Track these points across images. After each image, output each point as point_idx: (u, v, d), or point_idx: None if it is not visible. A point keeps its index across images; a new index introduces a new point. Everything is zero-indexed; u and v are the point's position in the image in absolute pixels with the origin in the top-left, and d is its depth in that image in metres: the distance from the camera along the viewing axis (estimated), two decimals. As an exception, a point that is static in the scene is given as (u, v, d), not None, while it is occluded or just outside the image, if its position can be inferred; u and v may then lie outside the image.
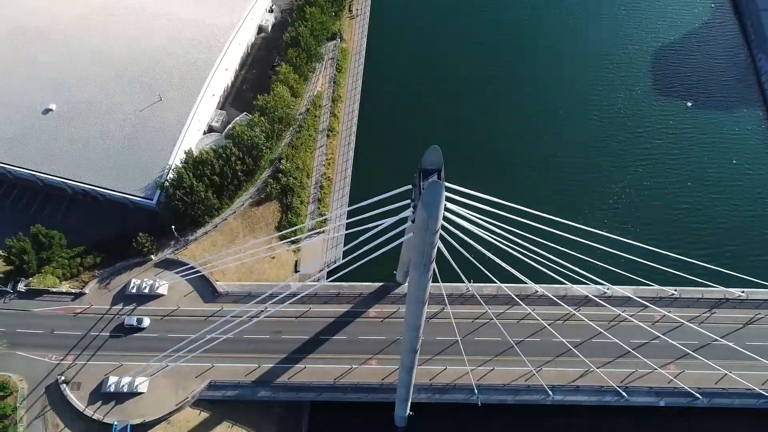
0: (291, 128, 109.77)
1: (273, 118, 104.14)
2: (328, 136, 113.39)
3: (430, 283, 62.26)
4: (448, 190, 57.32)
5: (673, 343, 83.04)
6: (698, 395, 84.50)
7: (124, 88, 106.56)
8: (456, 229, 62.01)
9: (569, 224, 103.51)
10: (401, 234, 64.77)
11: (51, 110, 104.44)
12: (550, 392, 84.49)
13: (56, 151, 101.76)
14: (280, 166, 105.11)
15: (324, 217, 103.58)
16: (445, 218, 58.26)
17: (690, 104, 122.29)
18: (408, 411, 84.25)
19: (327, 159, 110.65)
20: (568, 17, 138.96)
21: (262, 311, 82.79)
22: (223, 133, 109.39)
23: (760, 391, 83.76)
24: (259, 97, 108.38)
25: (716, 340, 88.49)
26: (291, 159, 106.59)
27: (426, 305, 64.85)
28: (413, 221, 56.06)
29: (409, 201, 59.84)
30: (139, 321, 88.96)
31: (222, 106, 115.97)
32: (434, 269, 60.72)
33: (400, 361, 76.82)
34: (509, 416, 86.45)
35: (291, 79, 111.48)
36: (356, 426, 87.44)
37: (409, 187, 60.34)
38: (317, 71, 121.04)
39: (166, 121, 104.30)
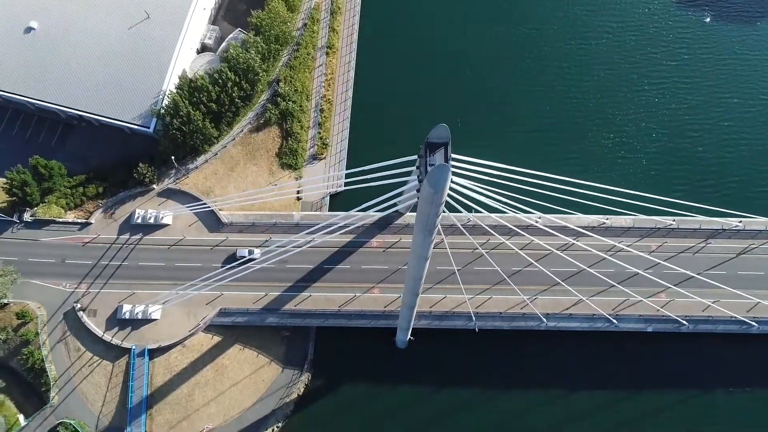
0: (288, 47, 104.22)
1: (268, 38, 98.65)
2: (327, 53, 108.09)
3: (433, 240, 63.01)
4: (454, 160, 56.41)
5: (671, 266, 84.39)
6: (684, 322, 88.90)
7: (109, 5, 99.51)
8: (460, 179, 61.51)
9: (572, 153, 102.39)
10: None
11: (33, 29, 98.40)
12: (544, 319, 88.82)
13: (43, 74, 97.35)
14: (279, 90, 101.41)
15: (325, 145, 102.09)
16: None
17: (708, 19, 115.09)
18: (409, 337, 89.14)
19: (327, 79, 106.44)
20: None
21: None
22: (217, 53, 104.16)
23: (742, 318, 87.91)
24: (252, 13, 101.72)
25: (708, 269, 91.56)
26: (289, 81, 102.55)
27: (429, 260, 66.16)
28: (418, 190, 55.58)
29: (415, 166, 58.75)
30: (251, 252, 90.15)
31: (214, 21, 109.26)
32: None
33: (402, 299, 79.96)
34: (504, 342, 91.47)
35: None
36: (360, 346, 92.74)
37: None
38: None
39: (156, 39, 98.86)
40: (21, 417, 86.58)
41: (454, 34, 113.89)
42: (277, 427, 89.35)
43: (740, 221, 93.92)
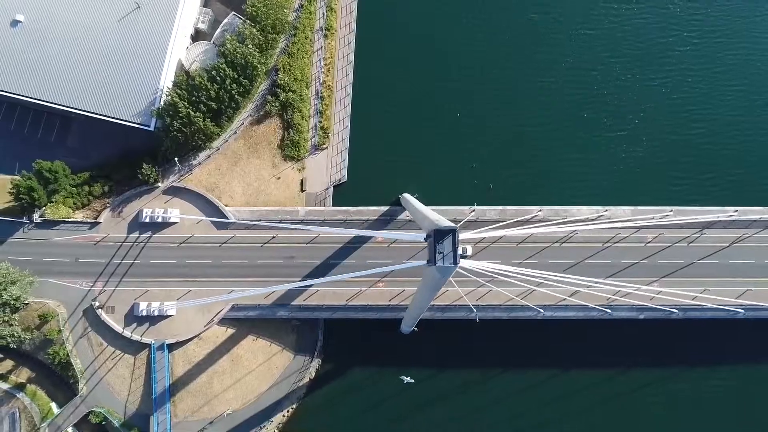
0: (285, 34, 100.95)
1: (265, 27, 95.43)
2: (325, 36, 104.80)
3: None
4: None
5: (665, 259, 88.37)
6: (674, 310, 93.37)
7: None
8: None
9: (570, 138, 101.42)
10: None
11: (20, 22, 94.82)
12: (541, 310, 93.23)
13: (34, 70, 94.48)
14: (278, 80, 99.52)
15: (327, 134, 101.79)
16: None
17: None
18: (413, 328, 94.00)
19: (326, 64, 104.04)
20: None
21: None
22: (212, 40, 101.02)
23: (730, 307, 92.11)
24: (247, 0, 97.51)
25: (700, 259, 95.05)
26: (288, 69, 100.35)
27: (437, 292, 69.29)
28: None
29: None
30: (464, 251, 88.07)
31: (205, 3, 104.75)
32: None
33: (408, 309, 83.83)
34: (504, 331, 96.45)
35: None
36: (367, 333, 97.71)
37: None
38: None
39: (148, 31, 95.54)
40: (53, 405, 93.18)
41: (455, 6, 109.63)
42: (292, 408, 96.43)
43: (736, 210, 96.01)
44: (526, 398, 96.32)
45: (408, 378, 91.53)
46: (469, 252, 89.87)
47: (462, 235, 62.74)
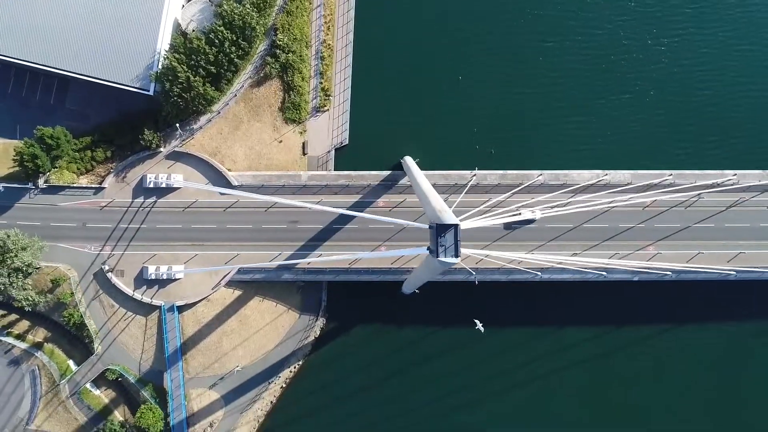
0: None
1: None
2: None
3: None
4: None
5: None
6: (668, 272, 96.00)
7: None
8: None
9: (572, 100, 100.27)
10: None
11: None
12: (539, 273, 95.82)
13: (29, 34, 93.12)
14: (276, 40, 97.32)
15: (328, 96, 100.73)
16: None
17: None
18: (414, 290, 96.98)
19: (326, 22, 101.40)
20: None
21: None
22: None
23: (721, 269, 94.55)
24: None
25: (697, 223, 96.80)
26: (287, 29, 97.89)
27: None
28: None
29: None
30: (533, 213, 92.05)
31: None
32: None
33: (408, 278, 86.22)
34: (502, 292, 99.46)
35: None
36: (369, 293, 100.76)
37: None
38: None
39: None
40: (71, 363, 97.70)
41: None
42: (298, 365, 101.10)
43: (735, 174, 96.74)
44: (518, 355, 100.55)
45: (480, 324, 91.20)
46: (539, 216, 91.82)
47: (463, 225, 63.66)
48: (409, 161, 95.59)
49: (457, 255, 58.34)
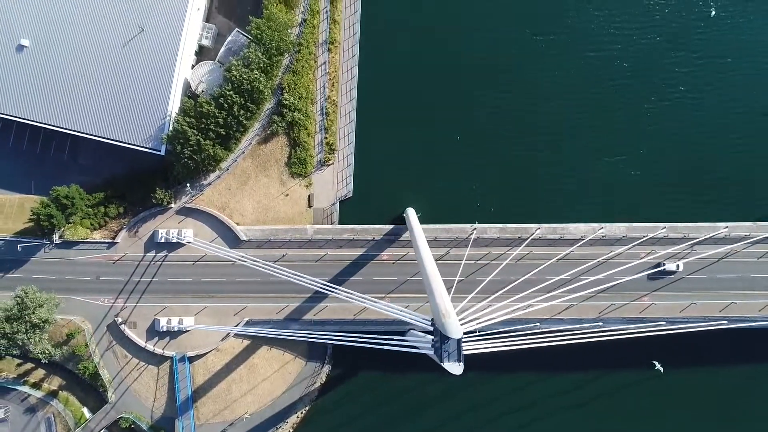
0: (290, 53, 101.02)
1: (269, 49, 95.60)
2: (329, 50, 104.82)
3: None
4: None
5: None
6: (663, 322, 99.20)
7: (100, 23, 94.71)
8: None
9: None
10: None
11: (25, 47, 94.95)
12: (538, 324, 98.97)
13: (43, 95, 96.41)
14: (283, 100, 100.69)
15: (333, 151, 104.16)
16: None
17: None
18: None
19: (330, 78, 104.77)
20: None
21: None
22: (217, 57, 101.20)
23: (713, 320, 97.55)
24: (251, 20, 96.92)
25: (689, 274, 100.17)
26: (293, 88, 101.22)
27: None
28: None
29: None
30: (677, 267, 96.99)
31: (207, 18, 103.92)
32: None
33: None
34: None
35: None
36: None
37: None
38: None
39: (154, 54, 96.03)
40: (85, 410, 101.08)
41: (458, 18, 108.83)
42: (305, 410, 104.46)
43: (726, 226, 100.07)
44: (520, 397, 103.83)
45: (659, 365, 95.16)
46: (681, 268, 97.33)
47: (465, 345, 66.08)
48: (410, 214, 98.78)
49: (459, 361, 60.65)
